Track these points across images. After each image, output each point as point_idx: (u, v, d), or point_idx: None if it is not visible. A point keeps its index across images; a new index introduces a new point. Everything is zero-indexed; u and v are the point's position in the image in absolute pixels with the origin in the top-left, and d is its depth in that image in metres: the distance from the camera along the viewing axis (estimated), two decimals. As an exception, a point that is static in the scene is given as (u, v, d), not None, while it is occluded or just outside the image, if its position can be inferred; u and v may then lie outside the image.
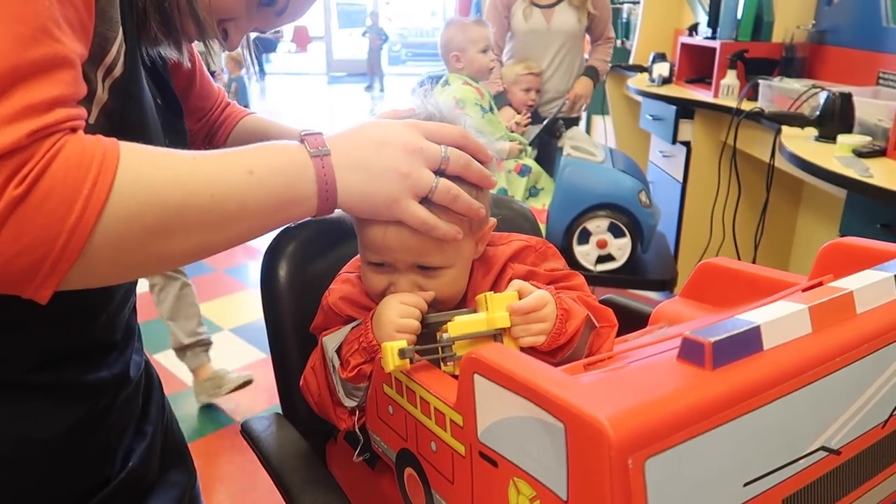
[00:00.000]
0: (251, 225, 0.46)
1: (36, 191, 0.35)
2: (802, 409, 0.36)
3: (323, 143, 0.49)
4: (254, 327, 2.30)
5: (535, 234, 0.88)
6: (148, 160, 0.40)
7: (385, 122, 0.54)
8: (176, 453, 0.66)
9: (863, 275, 0.45)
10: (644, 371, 0.35)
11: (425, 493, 0.51)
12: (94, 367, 0.51)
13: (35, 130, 0.35)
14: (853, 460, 0.40)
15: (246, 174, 0.44)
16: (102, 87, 0.43)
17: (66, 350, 0.49)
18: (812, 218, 2.10)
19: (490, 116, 1.80)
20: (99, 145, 0.38)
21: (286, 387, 0.75)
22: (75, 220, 0.36)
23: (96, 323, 0.51)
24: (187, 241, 0.42)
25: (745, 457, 0.34)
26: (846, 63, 2.00)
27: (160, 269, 0.43)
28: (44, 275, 0.36)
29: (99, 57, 0.42)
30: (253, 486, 1.51)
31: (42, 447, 0.47)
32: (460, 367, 0.42)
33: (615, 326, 0.60)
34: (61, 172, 0.36)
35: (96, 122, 0.43)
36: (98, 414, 0.51)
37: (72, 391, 0.49)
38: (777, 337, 0.37)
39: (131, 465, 0.55)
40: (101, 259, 0.38)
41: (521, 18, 2.16)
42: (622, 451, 0.28)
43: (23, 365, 0.46)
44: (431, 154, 0.52)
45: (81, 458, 0.50)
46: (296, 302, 0.75)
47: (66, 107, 0.37)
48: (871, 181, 1.20)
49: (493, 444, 0.40)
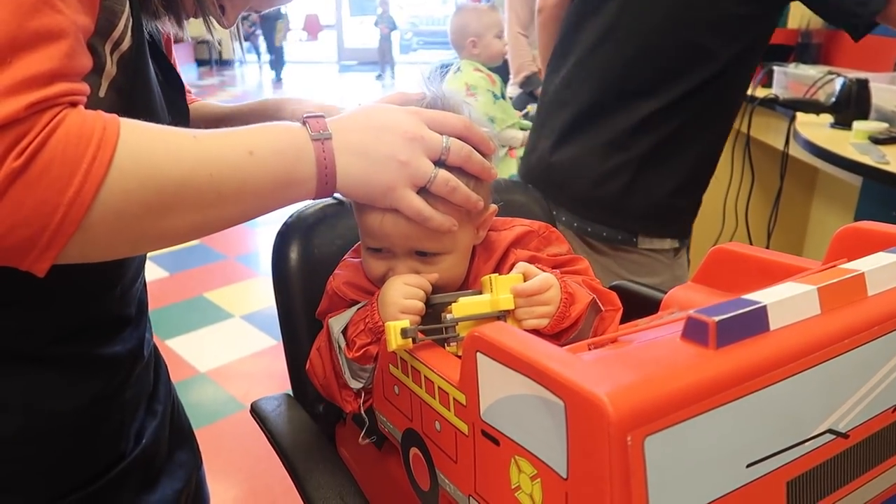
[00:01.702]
0: (249, 205, 0.46)
1: (35, 163, 0.35)
2: (809, 390, 0.36)
3: (325, 126, 0.49)
4: (264, 314, 2.31)
5: (548, 219, 0.88)
6: (148, 137, 0.40)
7: (389, 108, 0.53)
8: (182, 435, 0.67)
9: (875, 257, 0.44)
10: (647, 350, 0.35)
11: (430, 473, 0.51)
12: (110, 342, 0.52)
13: (34, 102, 0.35)
14: (861, 444, 0.39)
15: (246, 154, 0.44)
16: (111, 61, 0.43)
17: (84, 323, 0.50)
18: (826, 206, 2.07)
19: (501, 103, 1.79)
20: (99, 120, 0.38)
21: (296, 369, 0.75)
22: (74, 193, 0.36)
23: (112, 295, 0.52)
24: (185, 218, 0.42)
25: (748, 437, 0.33)
26: (863, 49, 1.97)
27: (157, 246, 0.44)
28: (41, 247, 0.36)
29: (107, 30, 0.42)
30: (260, 472, 1.53)
31: (59, 421, 0.48)
32: (463, 345, 0.42)
33: (620, 310, 0.59)
34: (61, 146, 0.36)
35: (106, 95, 0.43)
36: (114, 389, 0.52)
37: (89, 365, 0.50)
38: (784, 317, 0.36)
39: (144, 443, 0.56)
40: (99, 233, 0.38)
41: None
42: (621, 428, 0.28)
43: (42, 337, 0.47)
44: (432, 144, 0.52)
45: (98, 433, 0.51)
46: (307, 285, 0.75)
47: (66, 80, 0.37)
48: (887, 168, 1.18)
49: (495, 422, 0.39)
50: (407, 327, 0.48)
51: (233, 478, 1.51)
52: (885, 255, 0.44)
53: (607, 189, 1.02)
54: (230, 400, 1.81)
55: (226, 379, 1.91)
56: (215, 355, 2.02)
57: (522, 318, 0.52)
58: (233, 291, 2.51)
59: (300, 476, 0.63)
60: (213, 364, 1.98)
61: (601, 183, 1.03)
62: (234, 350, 2.01)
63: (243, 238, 3.02)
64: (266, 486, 1.48)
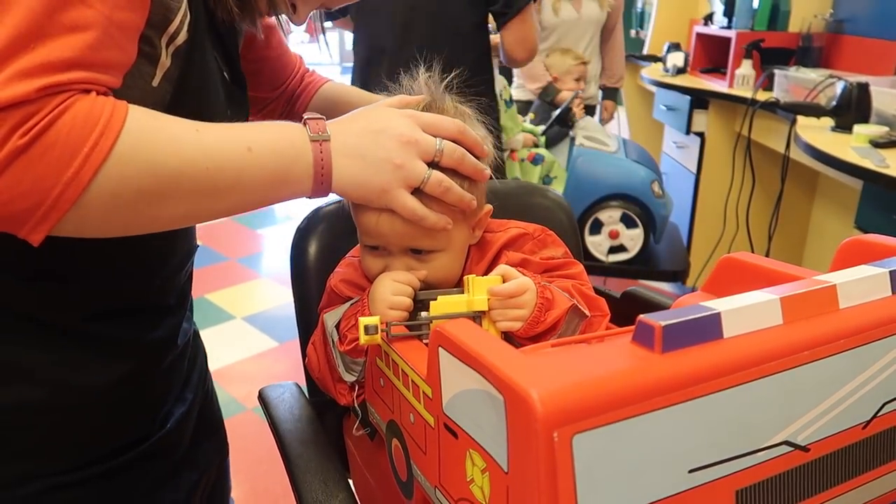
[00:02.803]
0: (243, 199, 0.47)
1: (38, 143, 0.37)
2: (764, 399, 0.35)
3: (324, 128, 0.50)
4: (266, 316, 2.27)
5: (571, 225, 0.89)
6: (152, 127, 0.42)
7: (386, 111, 0.55)
8: (212, 427, 0.69)
9: (856, 269, 0.43)
10: (596, 351, 0.35)
11: (406, 463, 0.53)
12: (145, 327, 0.54)
13: (46, 86, 0.37)
14: (824, 459, 0.39)
15: (245, 150, 0.46)
16: (166, 53, 0.46)
17: (120, 306, 0.52)
18: (827, 209, 2.03)
19: (511, 111, 1.81)
20: (108, 107, 0.40)
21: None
22: (72, 174, 0.38)
23: (151, 284, 0.54)
24: (179, 207, 0.44)
25: (692, 443, 0.33)
26: (864, 53, 1.95)
27: (151, 230, 0.46)
28: (37, 220, 0.39)
29: (162, 24, 0.45)
30: (261, 474, 1.53)
31: (85, 396, 0.50)
32: (429, 340, 0.43)
33: (607, 316, 0.60)
34: (66, 129, 0.38)
35: (159, 85, 0.46)
36: (144, 372, 0.54)
37: (121, 346, 0.52)
38: (740, 326, 0.36)
39: (169, 427, 0.58)
40: (93, 213, 0.40)
41: (552, 12, 2.18)
42: (547, 425, 0.29)
43: (75, 312, 0.49)
44: (426, 146, 0.53)
45: (123, 413, 0.54)
46: (323, 278, 0.77)
47: (85, 69, 0.39)
48: (887, 172, 1.17)
49: (454, 415, 0.41)
50: (368, 324, 0.50)
51: (233, 478, 1.53)
52: (866, 268, 0.43)
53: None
54: (231, 401, 1.80)
55: (227, 380, 1.91)
56: (217, 357, 2.00)
57: (496, 319, 0.53)
58: (235, 293, 2.47)
59: (291, 460, 0.65)
60: (214, 365, 1.93)
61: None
62: (236, 352, 2.00)
63: (245, 240, 2.98)
64: (265, 488, 1.50)
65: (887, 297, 0.42)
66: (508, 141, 1.72)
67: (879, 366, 0.40)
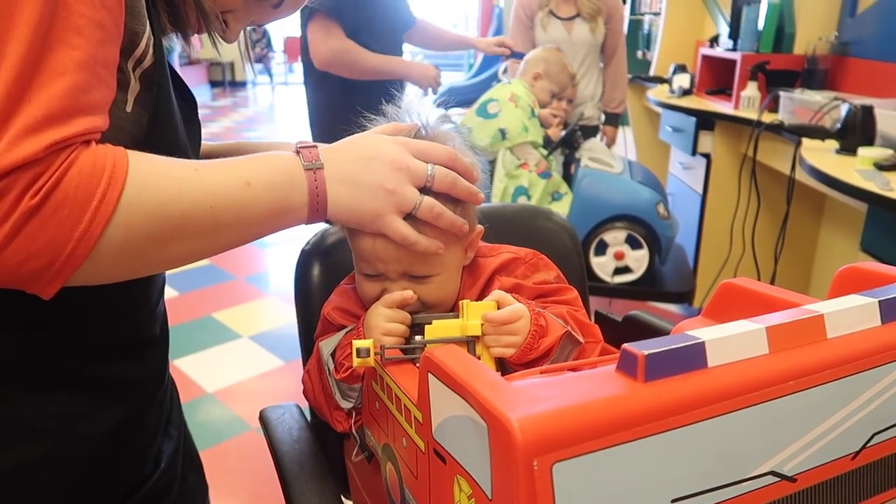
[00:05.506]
0: (245, 232, 0.49)
1: (49, 202, 0.37)
2: (749, 429, 0.36)
3: (317, 156, 0.51)
4: (273, 335, 2.26)
5: (575, 247, 0.89)
6: (154, 172, 0.43)
7: (378, 138, 0.56)
8: (192, 459, 0.68)
9: (846, 298, 0.43)
10: (580, 379, 0.36)
11: (399, 488, 0.53)
12: (137, 363, 0.53)
13: (53, 143, 0.37)
14: (812, 490, 0.39)
15: (244, 186, 0.47)
16: (134, 78, 0.45)
17: (115, 343, 0.51)
18: (835, 231, 2.02)
19: (535, 120, 1.83)
20: (110, 157, 0.40)
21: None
22: (83, 229, 0.38)
23: (139, 315, 0.54)
24: (185, 247, 0.45)
25: (675, 472, 0.33)
26: (869, 75, 1.95)
27: (158, 270, 0.46)
28: (50, 276, 0.39)
29: (129, 50, 0.44)
30: (266, 494, 1.51)
31: (83, 447, 0.49)
32: (420, 365, 0.44)
33: (600, 342, 0.60)
34: (73, 184, 0.38)
35: (132, 110, 0.45)
36: (138, 413, 0.53)
37: (116, 388, 0.51)
38: (725, 355, 0.36)
39: (163, 466, 0.58)
40: (105, 262, 0.41)
41: (541, 29, 2.21)
42: (527, 453, 0.29)
43: (77, 358, 0.48)
44: (417, 172, 0.55)
45: (122, 457, 0.52)
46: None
47: (83, 115, 0.39)
48: (891, 195, 1.16)
49: (443, 441, 0.41)
50: (360, 347, 0.50)
51: (236, 497, 1.49)
52: (856, 298, 0.43)
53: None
54: (236, 420, 1.80)
55: (233, 399, 1.91)
56: (223, 375, 2.02)
57: (490, 345, 0.54)
58: (241, 312, 2.47)
59: (287, 481, 0.66)
60: (220, 384, 1.97)
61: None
62: (242, 370, 2.00)
63: (252, 259, 2.98)
64: (265, 509, 1.49)
65: (876, 326, 0.42)
66: (519, 148, 1.76)
67: (868, 396, 0.40)
